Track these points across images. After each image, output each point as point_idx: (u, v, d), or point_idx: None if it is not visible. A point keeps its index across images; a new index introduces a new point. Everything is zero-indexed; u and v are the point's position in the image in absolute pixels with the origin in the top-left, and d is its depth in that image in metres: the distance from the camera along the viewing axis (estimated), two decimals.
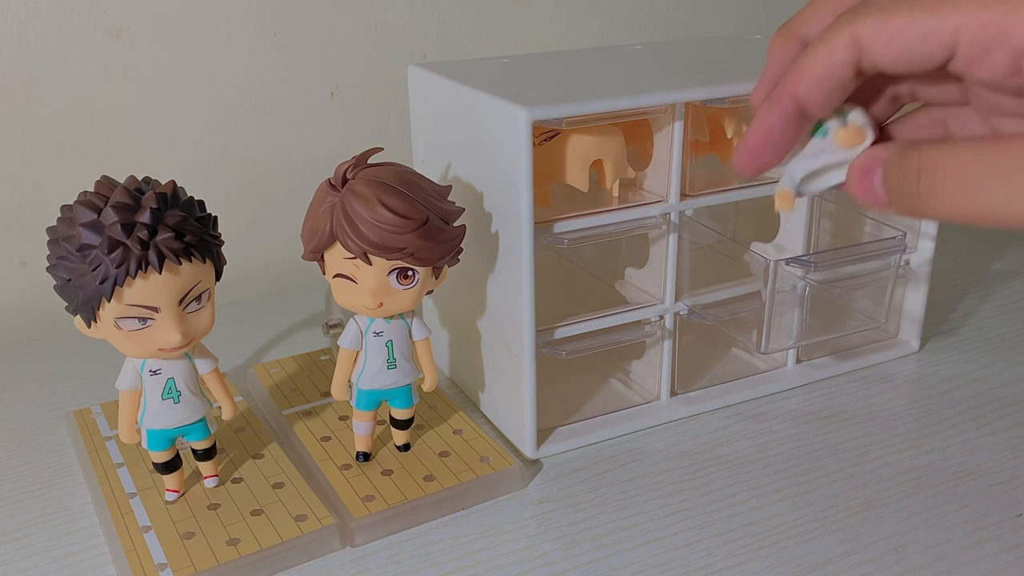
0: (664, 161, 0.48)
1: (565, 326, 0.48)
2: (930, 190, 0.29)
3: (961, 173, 0.28)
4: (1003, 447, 0.49)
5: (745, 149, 0.33)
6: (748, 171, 0.34)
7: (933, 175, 0.28)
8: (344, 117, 0.74)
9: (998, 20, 0.27)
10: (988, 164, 0.27)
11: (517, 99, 0.43)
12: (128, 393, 0.42)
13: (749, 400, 0.54)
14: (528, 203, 0.43)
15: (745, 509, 0.45)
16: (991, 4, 0.27)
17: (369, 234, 0.40)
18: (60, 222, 0.39)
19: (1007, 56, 0.28)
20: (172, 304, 0.39)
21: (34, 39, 0.63)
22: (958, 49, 0.28)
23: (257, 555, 0.41)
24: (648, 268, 0.52)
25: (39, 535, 0.44)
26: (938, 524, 0.43)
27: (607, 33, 0.83)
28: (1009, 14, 0.27)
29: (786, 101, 0.32)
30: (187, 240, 0.39)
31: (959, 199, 0.28)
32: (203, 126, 0.69)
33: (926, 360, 0.59)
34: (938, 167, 0.28)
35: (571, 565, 0.41)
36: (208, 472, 0.45)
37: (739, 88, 0.47)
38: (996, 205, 0.27)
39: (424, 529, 0.44)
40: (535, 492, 0.47)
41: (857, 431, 0.51)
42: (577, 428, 0.51)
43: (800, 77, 0.32)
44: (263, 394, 0.54)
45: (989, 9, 0.27)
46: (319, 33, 0.71)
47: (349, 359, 0.45)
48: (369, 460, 0.47)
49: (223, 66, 0.68)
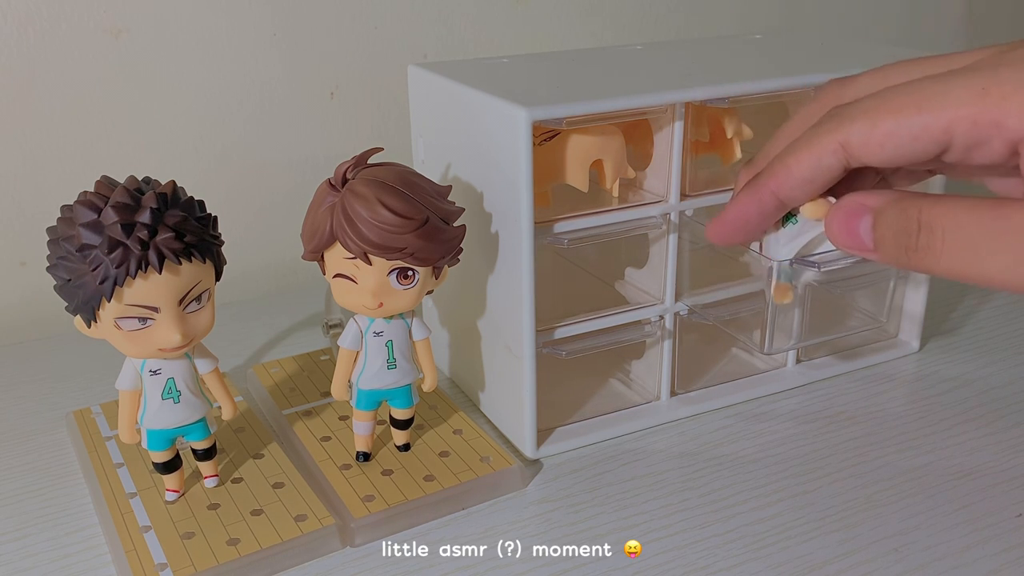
0: (664, 161, 0.48)
1: (565, 326, 0.48)
2: (928, 246, 0.28)
3: (963, 234, 0.27)
4: (1003, 447, 0.49)
5: (720, 225, 0.34)
6: (718, 243, 0.35)
7: (932, 231, 0.28)
8: (344, 117, 0.74)
9: (989, 112, 0.27)
10: (991, 228, 0.27)
11: (517, 99, 0.43)
12: (128, 393, 0.42)
13: (749, 400, 0.54)
14: (528, 203, 0.43)
15: (745, 509, 0.45)
16: (978, 98, 0.27)
17: (369, 234, 0.40)
18: (60, 222, 0.39)
19: (1003, 145, 0.28)
20: (172, 304, 0.39)
21: (34, 39, 0.63)
22: (952, 143, 0.28)
23: (257, 555, 0.41)
24: (648, 268, 0.52)
25: (39, 535, 0.44)
26: (938, 524, 0.43)
27: (607, 33, 0.83)
28: (999, 104, 0.27)
29: (767, 195, 0.33)
30: (187, 240, 0.39)
31: (959, 260, 0.28)
32: (203, 126, 0.69)
33: (926, 360, 0.59)
34: (937, 224, 0.28)
35: (571, 565, 0.41)
36: (208, 472, 0.45)
37: (739, 88, 0.47)
38: (997, 270, 0.27)
39: (424, 529, 0.44)
40: (535, 492, 0.47)
41: (857, 431, 0.51)
42: (577, 428, 0.51)
43: (785, 177, 0.32)
44: (263, 394, 0.54)
45: (978, 104, 0.27)
46: (319, 33, 0.71)
47: (349, 359, 0.45)
48: (369, 460, 0.47)
49: (223, 66, 0.68)
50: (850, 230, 0.31)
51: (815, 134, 0.31)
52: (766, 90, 0.48)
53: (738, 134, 0.53)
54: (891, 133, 0.29)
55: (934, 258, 0.28)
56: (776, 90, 0.48)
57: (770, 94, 0.49)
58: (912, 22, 0.99)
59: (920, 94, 0.28)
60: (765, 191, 0.33)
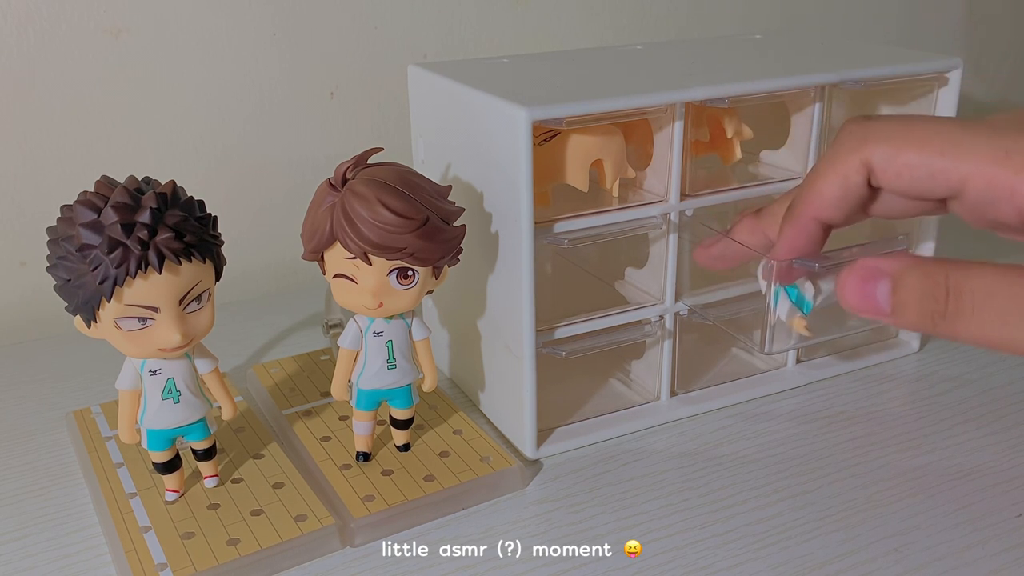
0: (664, 161, 0.48)
1: (565, 326, 0.48)
2: (957, 312, 0.28)
3: (992, 301, 0.27)
4: (1003, 447, 0.49)
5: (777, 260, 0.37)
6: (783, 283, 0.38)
7: (961, 298, 0.28)
8: (344, 117, 0.74)
9: (1005, 178, 0.28)
10: (1021, 295, 0.27)
11: (517, 99, 0.43)
12: (128, 393, 0.42)
13: (749, 400, 0.54)
14: (528, 203, 0.43)
15: (745, 509, 0.45)
16: (999, 160, 0.28)
17: (369, 234, 0.40)
18: (60, 222, 0.39)
19: (1012, 210, 0.28)
20: (172, 304, 0.39)
21: (34, 39, 0.63)
22: (964, 195, 0.29)
23: (257, 555, 0.41)
24: (648, 268, 0.52)
25: (39, 535, 0.44)
26: (938, 524, 0.43)
27: (607, 33, 0.83)
28: (1018, 172, 0.28)
29: (808, 222, 0.35)
30: (187, 240, 0.39)
31: (988, 327, 0.28)
32: (203, 126, 0.69)
33: (926, 360, 0.59)
34: (966, 291, 0.28)
35: (571, 565, 0.41)
36: (208, 472, 0.45)
37: (739, 88, 0.47)
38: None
39: (424, 529, 0.44)
40: (535, 492, 0.47)
41: (857, 431, 0.51)
42: (577, 428, 0.51)
43: (818, 201, 0.33)
44: (263, 394, 0.54)
45: (998, 166, 0.28)
46: (319, 33, 0.71)
47: (349, 359, 0.45)
48: (369, 460, 0.47)
49: (223, 66, 0.68)
50: (865, 294, 0.30)
51: (836, 153, 0.32)
52: (766, 90, 0.48)
53: (738, 134, 0.53)
54: (911, 165, 0.30)
55: (964, 325, 0.28)
56: (776, 90, 0.48)
57: (770, 94, 0.49)
58: (912, 22, 0.99)
59: (945, 138, 0.29)
60: (806, 219, 0.34)
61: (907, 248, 0.51)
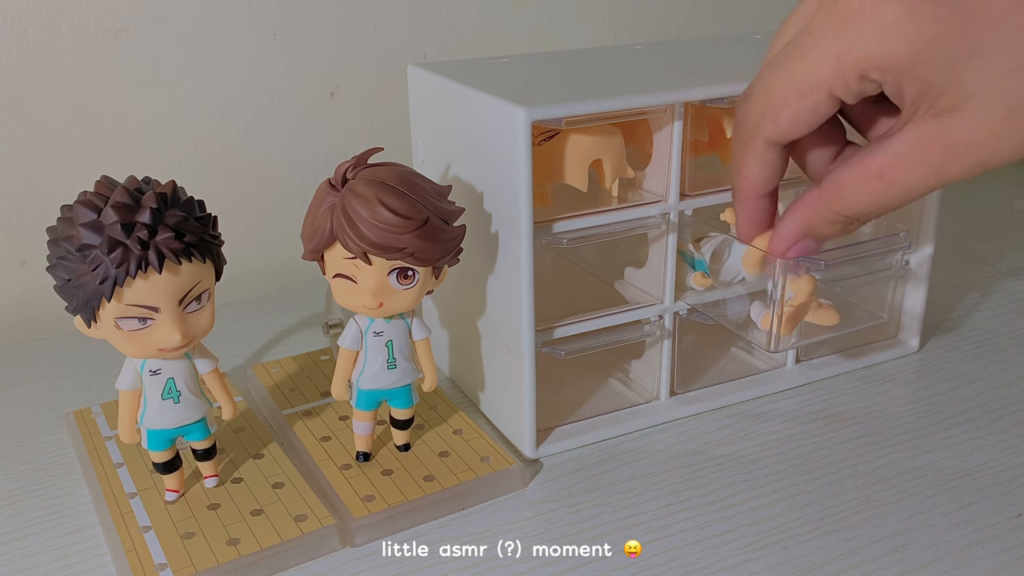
0: (664, 161, 0.48)
1: (564, 326, 0.48)
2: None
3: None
4: (1003, 447, 0.49)
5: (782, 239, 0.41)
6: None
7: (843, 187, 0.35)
8: (344, 117, 0.74)
9: (852, 70, 0.32)
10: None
11: (517, 99, 0.43)
12: (128, 393, 0.42)
13: (749, 400, 0.54)
14: (528, 203, 0.43)
15: (745, 509, 0.45)
16: (836, 63, 0.33)
17: (369, 234, 0.40)
18: (60, 222, 0.39)
19: (873, 83, 0.33)
20: (172, 304, 0.39)
21: (34, 39, 0.63)
22: (843, 98, 0.33)
23: (257, 555, 0.41)
24: (648, 268, 0.52)
25: (39, 535, 0.44)
26: (938, 524, 0.43)
27: (607, 33, 0.83)
28: (854, 61, 0.32)
29: (753, 201, 0.40)
30: (187, 240, 0.39)
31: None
32: (203, 126, 0.69)
33: (926, 360, 0.59)
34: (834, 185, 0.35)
35: (571, 565, 0.41)
36: (208, 472, 0.45)
37: (739, 88, 0.47)
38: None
39: (424, 529, 0.44)
40: (535, 492, 0.47)
41: (857, 431, 0.51)
42: (577, 428, 0.51)
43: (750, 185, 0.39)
44: (263, 394, 0.54)
45: (839, 65, 0.33)
46: (319, 33, 0.71)
47: (349, 359, 0.45)
48: (369, 460, 0.48)
49: (223, 66, 0.68)
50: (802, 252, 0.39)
51: (741, 140, 0.37)
52: None
53: None
54: (795, 119, 0.34)
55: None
56: None
57: None
58: None
59: (795, 77, 0.34)
60: (750, 200, 0.39)
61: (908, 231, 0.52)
